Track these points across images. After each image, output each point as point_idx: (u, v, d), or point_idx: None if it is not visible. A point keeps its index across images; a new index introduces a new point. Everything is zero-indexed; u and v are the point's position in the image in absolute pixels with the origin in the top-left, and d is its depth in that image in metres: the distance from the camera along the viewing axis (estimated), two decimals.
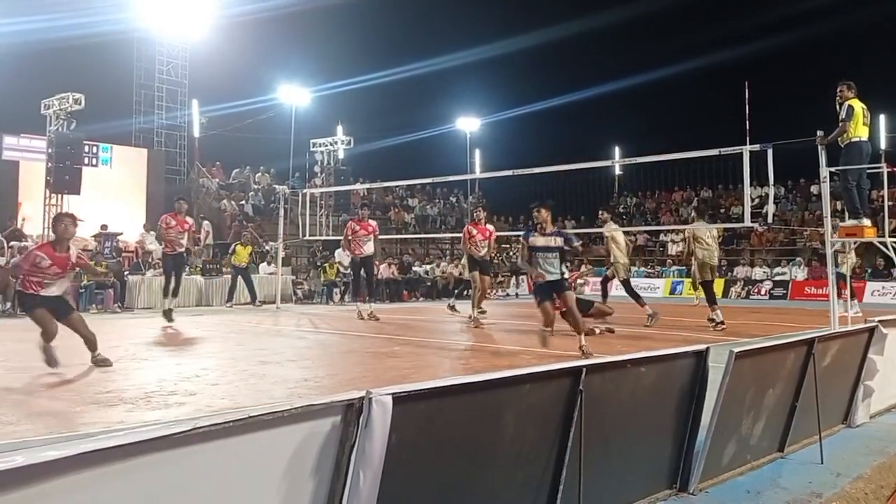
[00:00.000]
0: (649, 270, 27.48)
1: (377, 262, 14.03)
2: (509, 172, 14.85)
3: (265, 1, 23.96)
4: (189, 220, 12.38)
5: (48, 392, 5.74)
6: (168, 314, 12.15)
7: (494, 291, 24.59)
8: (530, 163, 14.70)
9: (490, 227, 12.78)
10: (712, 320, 11.85)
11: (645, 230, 28.14)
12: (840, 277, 13.36)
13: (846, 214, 9.69)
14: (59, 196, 17.11)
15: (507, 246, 29.14)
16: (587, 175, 30.92)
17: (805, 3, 28.52)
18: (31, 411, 5.04)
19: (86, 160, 18.62)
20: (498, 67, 35.01)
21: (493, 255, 12.71)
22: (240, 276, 17.22)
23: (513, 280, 25.21)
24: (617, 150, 32.32)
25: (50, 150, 16.70)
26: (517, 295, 24.07)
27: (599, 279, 14.65)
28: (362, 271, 13.53)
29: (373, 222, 13.66)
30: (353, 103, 28.85)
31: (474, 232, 12.30)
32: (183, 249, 12.29)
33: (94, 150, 20.74)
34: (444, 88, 34.35)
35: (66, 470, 1.57)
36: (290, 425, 2.01)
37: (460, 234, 13.79)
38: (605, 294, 13.15)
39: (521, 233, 8.98)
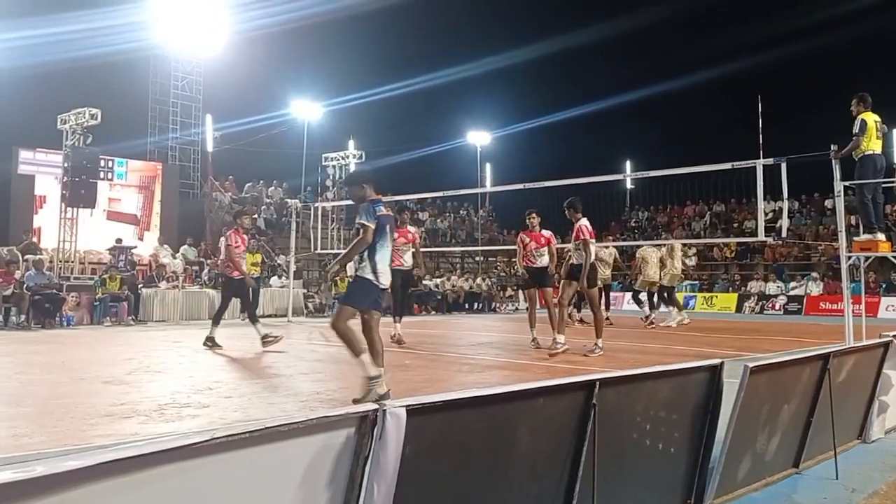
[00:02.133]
0: None
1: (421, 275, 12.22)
2: (520, 186, 14.89)
3: (277, 16, 24.16)
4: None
5: (62, 404, 5.77)
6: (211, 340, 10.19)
7: (505, 305, 24.60)
8: (541, 176, 14.72)
9: (547, 232, 10.79)
10: (651, 323, 15.52)
11: (657, 244, 28.01)
12: (665, 289, 15.14)
13: (861, 229, 9.64)
14: (75, 210, 17.26)
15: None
16: (598, 189, 30.90)
17: (818, 15, 28.51)
18: (45, 424, 5.06)
19: (101, 174, 18.81)
20: (508, 81, 35.16)
21: (555, 264, 10.91)
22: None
23: (520, 294, 25.20)
24: (628, 163, 32.33)
25: (66, 165, 16.86)
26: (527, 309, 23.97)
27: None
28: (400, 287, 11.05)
29: (412, 229, 11.77)
30: (364, 118, 29.05)
31: (527, 240, 10.64)
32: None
33: (110, 164, 20.95)
34: (454, 102, 34.54)
35: (83, 480, 1.58)
36: (306, 437, 2.02)
37: (470, 248, 13.62)
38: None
39: None
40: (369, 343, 6.07)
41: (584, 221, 9.62)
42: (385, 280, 6.15)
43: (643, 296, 16.82)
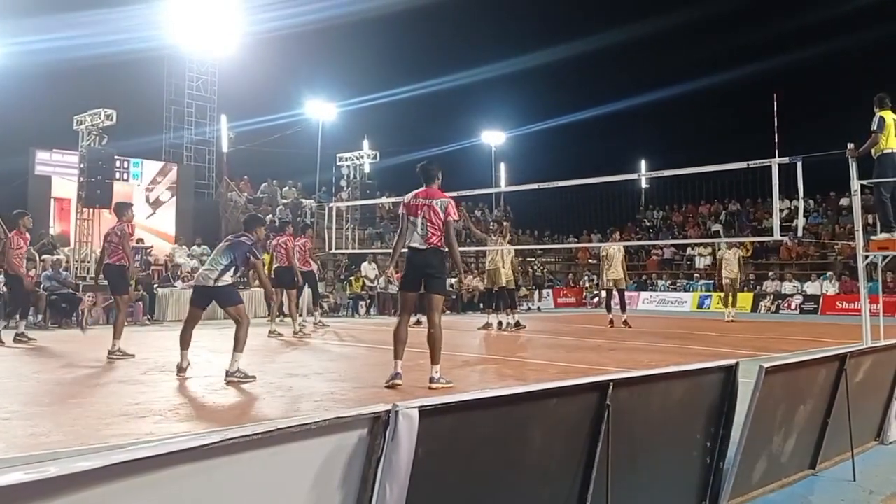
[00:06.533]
0: (674, 283, 27.15)
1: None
2: (534, 186, 14.82)
3: (292, 17, 24.21)
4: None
5: (78, 403, 5.81)
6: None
7: (520, 304, 24.58)
8: (556, 176, 14.64)
9: None
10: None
11: (672, 244, 27.91)
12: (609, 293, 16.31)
13: (878, 227, 9.55)
14: (91, 210, 17.38)
15: (532, 259, 29.02)
16: (613, 188, 30.73)
17: (834, 15, 28.25)
18: (62, 423, 5.10)
19: (117, 175, 18.94)
20: (523, 81, 34.96)
21: None
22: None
23: (535, 294, 25.21)
24: (643, 163, 32.17)
25: (82, 165, 16.99)
26: (539, 308, 24.01)
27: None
28: None
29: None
30: (378, 117, 29.01)
31: None
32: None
33: (125, 164, 21.11)
34: (469, 102, 34.42)
35: (97, 481, 1.58)
36: (318, 438, 2.02)
37: (485, 248, 13.62)
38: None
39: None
40: None
41: None
42: None
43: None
